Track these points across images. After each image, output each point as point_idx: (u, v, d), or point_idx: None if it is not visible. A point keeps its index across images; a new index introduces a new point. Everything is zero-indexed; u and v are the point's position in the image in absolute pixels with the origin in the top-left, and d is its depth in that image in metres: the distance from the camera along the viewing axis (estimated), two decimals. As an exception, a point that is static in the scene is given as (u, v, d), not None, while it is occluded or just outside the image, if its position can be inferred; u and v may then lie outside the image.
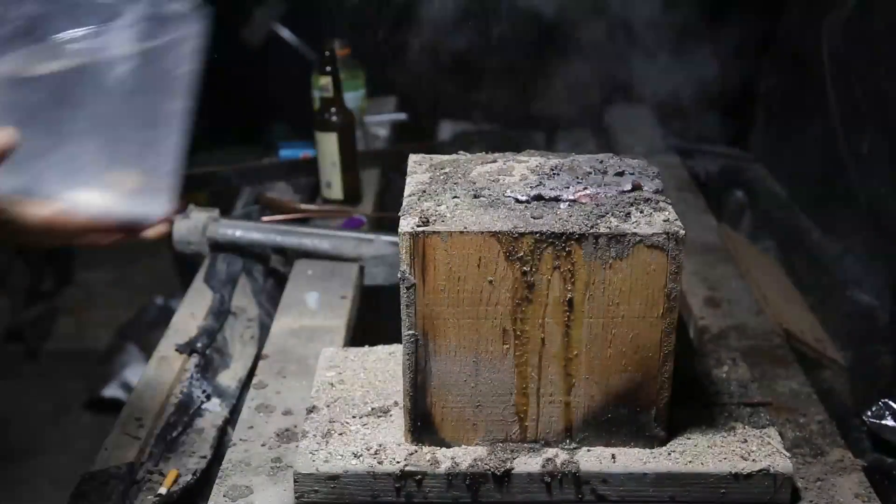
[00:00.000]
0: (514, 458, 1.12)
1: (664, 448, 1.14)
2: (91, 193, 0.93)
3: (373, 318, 1.80)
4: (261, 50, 2.95)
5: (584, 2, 2.28)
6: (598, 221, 1.06)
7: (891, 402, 1.34)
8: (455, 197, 1.12)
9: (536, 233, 1.04)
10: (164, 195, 0.97)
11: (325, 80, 2.02)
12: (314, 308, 1.67)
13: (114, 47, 0.91)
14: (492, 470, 1.11)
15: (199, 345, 1.51)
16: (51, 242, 0.97)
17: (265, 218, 1.99)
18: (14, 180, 0.90)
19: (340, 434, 1.17)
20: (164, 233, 1.00)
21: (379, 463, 1.12)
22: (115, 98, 0.91)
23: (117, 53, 0.91)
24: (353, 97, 2.34)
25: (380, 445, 1.14)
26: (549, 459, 1.12)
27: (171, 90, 0.94)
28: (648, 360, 1.10)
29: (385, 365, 1.31)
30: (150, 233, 1.00)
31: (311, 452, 1.13)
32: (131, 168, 0.95)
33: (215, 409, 1.41)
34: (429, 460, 1.12)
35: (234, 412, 1.43)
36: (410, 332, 1.09)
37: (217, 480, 1.20)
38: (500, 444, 1.14)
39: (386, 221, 2.05)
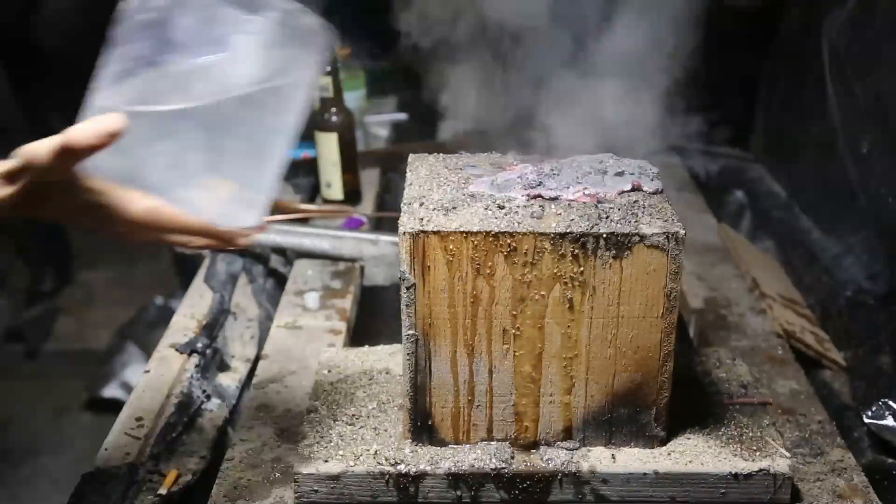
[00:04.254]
0: (514, 458, 1.12)
1: (664, 448, 1.14)
2: (189, 194, 0.92)
3: (373, 318, 1.80)
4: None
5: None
6: (598, 221, 1.06)
7: (891, 402, 1.34)
8: (455, 197, 1.12)
9: (536, 233, 1.04)
10: (257, 208, 0.96)
11: (325, 80, 2.01)
12: (314, 308, 1.67)
13: (240, 54, 0.89)
14: (492, 470, 1.11)
15: (199, 345, 1.51)
16: (140, 236, 0.94)
17: (265, 218, 1.98)
18: (119, 164, 0.88)
19: (340, 434, 1.17)
20: (251, 244, 0.98)
21: (379, 463, 1.12)
22: (229, 103, 0.89)
23: (242, 61, 0.89)
24: (353, 97, 2.34)
25: (380, 445, 1.14)
26: (549, 459, 1.12)
27: (285, 105, 0.93)
28: (648, 360, 1.10)
29: (385, 365, 1.31)
30: (239, 242, 0.99)
31: (310, 452, 1.13)
32: (230, 175, 0.93)
33: (215, 409, 1.41)
34: (429, 460, 1.12)
35: (234, 412, 1.43)
36: (410, 332, 1.09)
37: (217, 480, 1.20)
38: (500, 444, 1.14)
39: (386, 221, 2.06)
